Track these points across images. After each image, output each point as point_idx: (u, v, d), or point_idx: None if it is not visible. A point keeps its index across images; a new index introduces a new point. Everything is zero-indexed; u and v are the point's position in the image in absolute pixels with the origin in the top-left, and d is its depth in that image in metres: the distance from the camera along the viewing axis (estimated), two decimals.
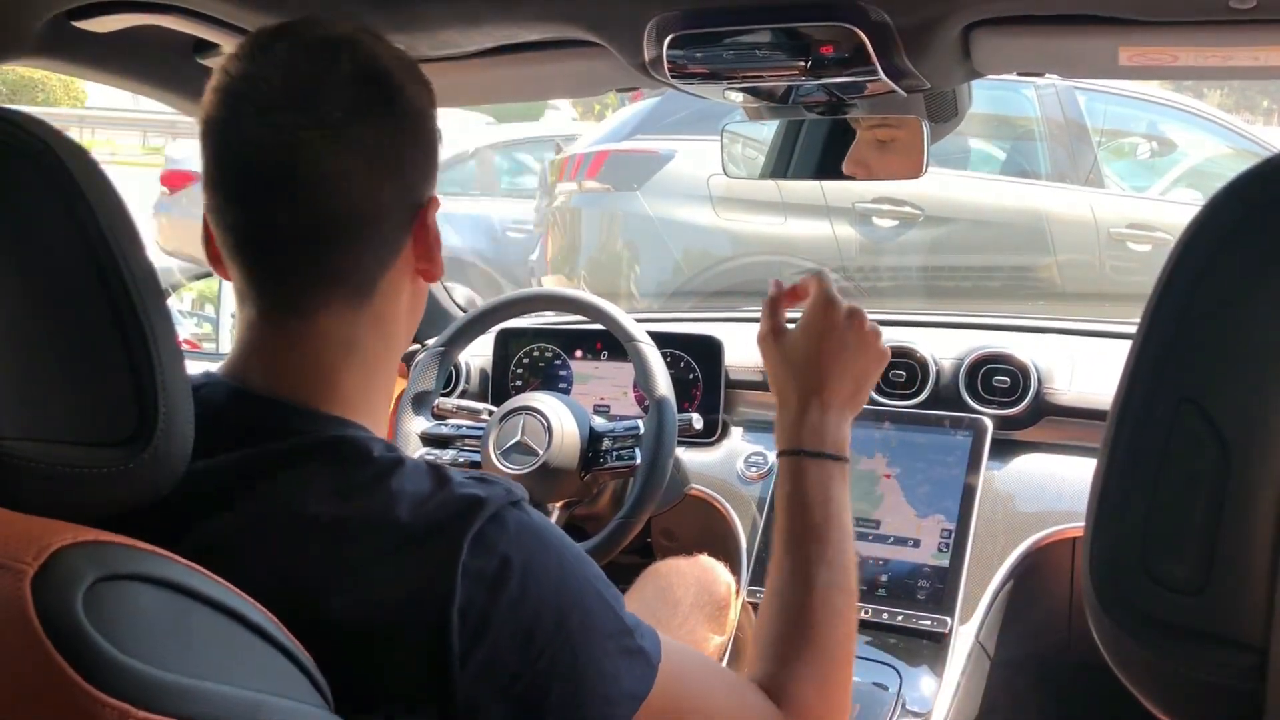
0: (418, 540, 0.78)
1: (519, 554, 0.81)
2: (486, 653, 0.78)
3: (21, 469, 0.66)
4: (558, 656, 0.80)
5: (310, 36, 0.86)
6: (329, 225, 0.84)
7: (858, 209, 4.72)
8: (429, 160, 0.90)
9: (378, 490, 0.80)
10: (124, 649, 0.58)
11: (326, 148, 0.83)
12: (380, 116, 0.85)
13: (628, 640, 0.85)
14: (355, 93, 0.84)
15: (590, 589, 0.85)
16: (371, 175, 0.85)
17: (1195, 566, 0.54)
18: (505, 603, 0.79)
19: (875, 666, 1.51)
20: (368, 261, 0.87)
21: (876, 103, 1.30)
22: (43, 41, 1.18)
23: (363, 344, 0.88)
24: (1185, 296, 0.56)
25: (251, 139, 0.83)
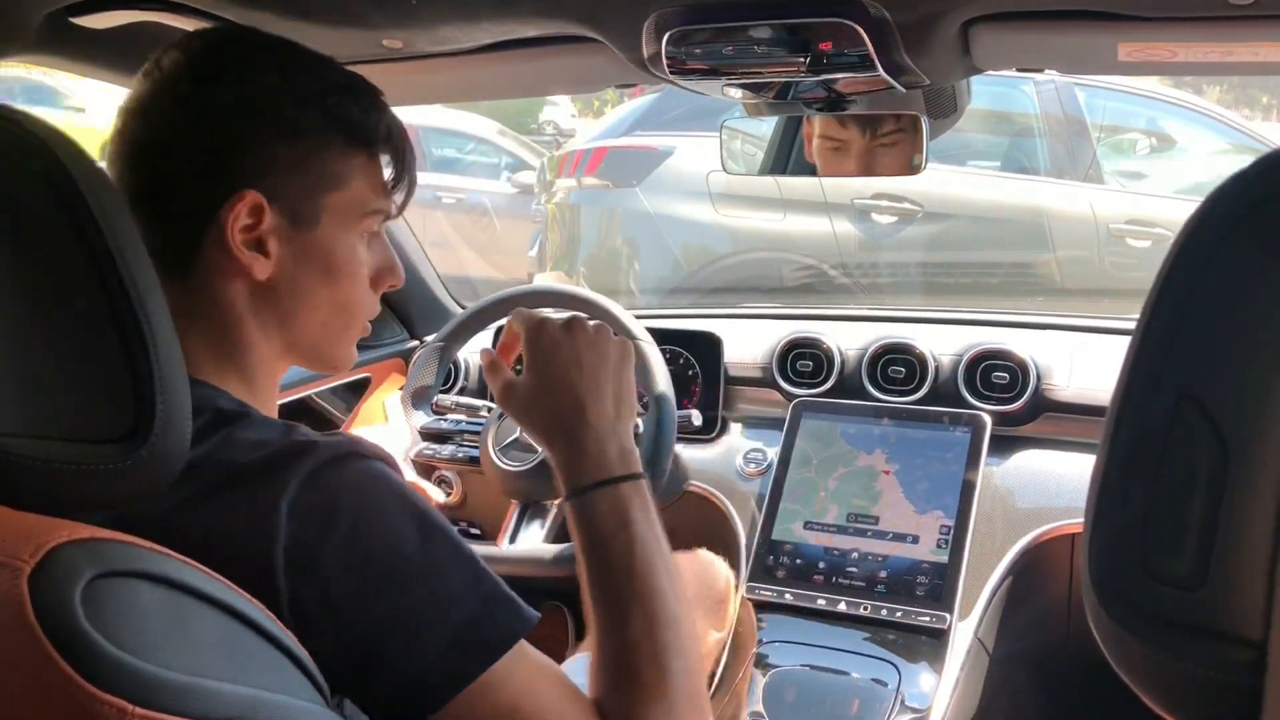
0: (249, 478, 0.80)
1: (353, 498, 0.80)
2: (315, 594, 0.77)
3: (19, 466, 0.66)
4: (399, 598, 0.79)
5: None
6: (140, 200, 0.90)
7: (857, 205, 4.72)
8: (225, 153, 0.93)
9: (219, 434, 0.83)
10: (122, 646, 0.58)
11: (139, 126, 0.92)
12: (178, 97, 0.92)
13: (488, 586, 0.83)
14: (172, 83, 0.92)
15: (438, 535, 0.83)
16: (168, 160, 0.92)
17: (1194, 562, 0.54)
18: (335, 544, 0.78)
19: (874, 663, 1.51)
20: (166, 242, 0.90)
21: (875, 99, 1.30)
22: (41, 38, 1.17)
23: (198, 323, 0.91)
24: (1184, 292, 0.56)
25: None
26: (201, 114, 0.89)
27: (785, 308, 2.37)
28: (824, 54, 1.14)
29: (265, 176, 0.90)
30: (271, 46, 0.94)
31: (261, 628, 0.68)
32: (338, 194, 0.93)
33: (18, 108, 0.72)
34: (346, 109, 0.93)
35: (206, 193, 0.89)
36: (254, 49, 0.93)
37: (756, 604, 1.63)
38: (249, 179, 0.89)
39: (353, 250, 0.95)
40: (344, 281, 0.95)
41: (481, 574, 0.84)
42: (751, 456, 1.82)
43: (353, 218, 0.94)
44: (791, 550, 1.66)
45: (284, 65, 0.92)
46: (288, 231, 0.91)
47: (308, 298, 0.94)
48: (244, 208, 0.88)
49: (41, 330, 0.68)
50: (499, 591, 0.84)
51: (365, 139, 0.94)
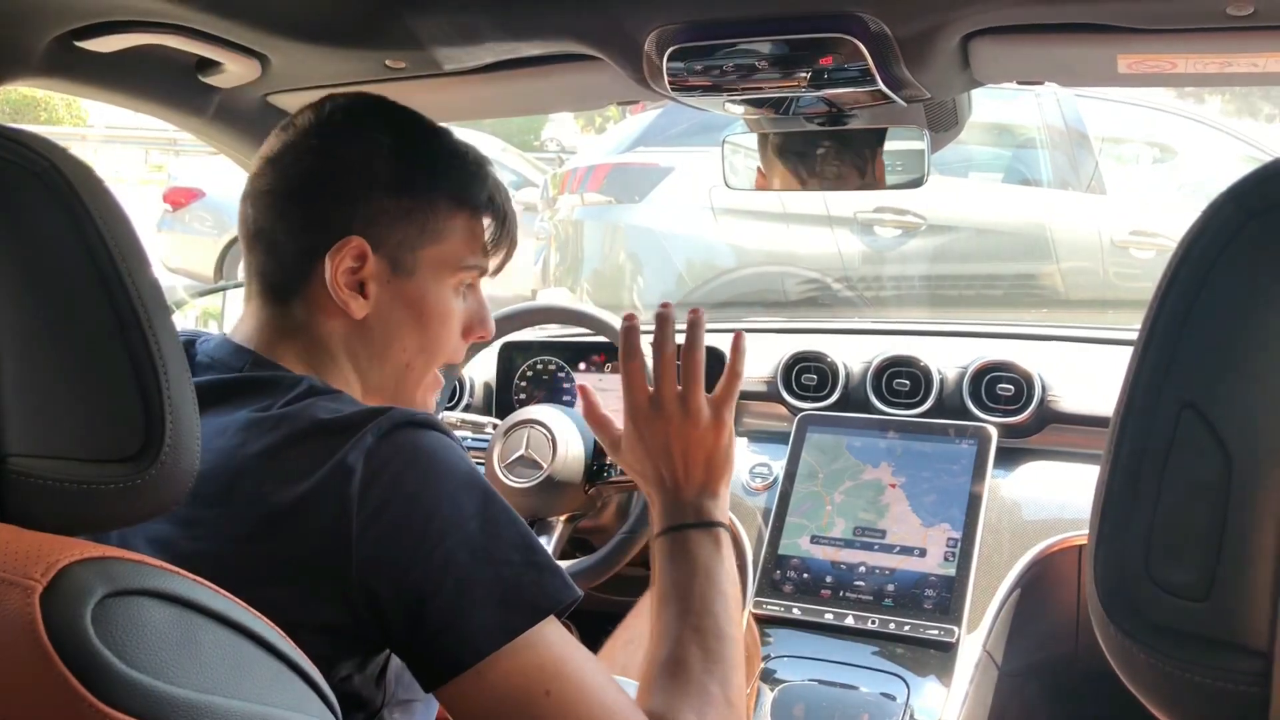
0: (328, 432, 0.89)
1: (425, 456, 0.89)
2: (381, 532, 0.85)
3: (29, 486, 0.66)
4: (456, 553, 0.86)
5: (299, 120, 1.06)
6: (257, 242, 1.04)
7: (860, 219, 4.72)
8: (314, 207, 1.05)
9: (305, 402, 0.93)
10: (133, 664, 0.58)
11: (259, 183, 1.06)
12: (299, 149, 1.05)
13: (538, 556, 0.90)
14: (282, 149, 1.05)
15: (498, 506, 0.91)
16: (275, 216, 1.05)
17: (1199, 572, 0.54)
18: (404, 491, 0.87)
19: (883, 677, 1.51)
20: (274, 280, 1.04)
21: (876, 113, 1.31)
22: (46, 62, 1.18)
23: (311, 336, 1.02)
24: (1186, 301, 0.56)
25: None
26: (323, 164, 1.00)
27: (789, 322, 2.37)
28: (824, 69, 1.15)
29: (372, 226, 1.00)
30: (394, 112, 1.05)
31: (271, 645, 0.68)
32: (435, 248, 1.03)
33: (26, 129, 0.72)
34: (453, 173, 1.04)
35: (319, 234, 0.99)
36: (378, 113, 1.05)
37: (763, 619, 1.63)
38: (357, 227, 0.99)
39: (444, 300, 1.05)
40: (433, 326, 1.04)
41: (534, 543, 0.91)
42: (757, 471, 1.82)
43: (448, 271, 1.04)
44: (798, 564, 1.66)
45: (402, 129, 1.03)
46: (387, 276, 1.01)
47: (398, 338, 1.03)
48: (350, 252, 0.99)
49: (51, 350, 0.69)
50: (549, 562, 0.91)
51: (469, 202, 1.05)
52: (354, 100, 1.06)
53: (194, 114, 1.41)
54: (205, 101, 1.40)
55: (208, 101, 1.40)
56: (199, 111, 1.41)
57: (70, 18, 1.13)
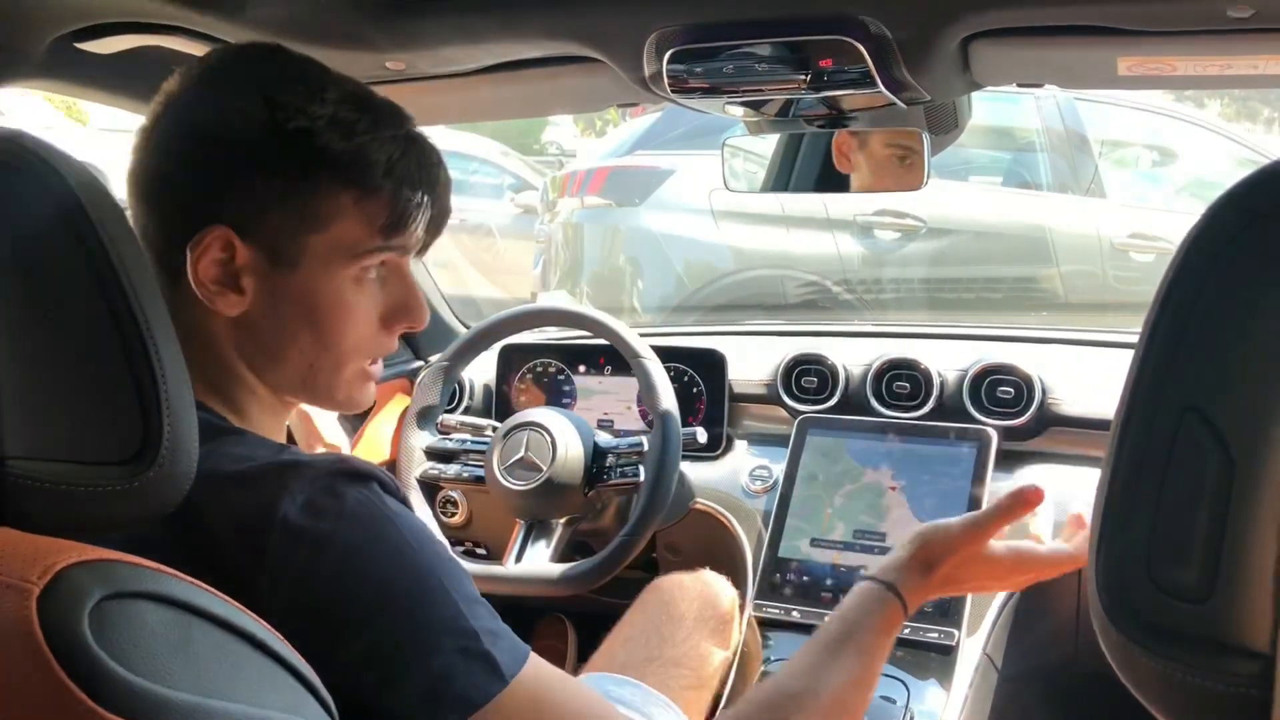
0: (236, 486, 0.79)
1: (346, 526, 0.79)
2: (298, 625, 0.74)
3: (27, 488, 0.66)
4: (378, 641, 0.78)
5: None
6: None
7: (859, 222, 4.72)
8: (186, 194, 0.92)
9: (209, 448, 0.78)
10: (130, 667, 0.58)
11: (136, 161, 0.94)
12: (159, 146, 0.93)
13: (470, 642, 0.80)
14: (151, 125, 0.93)
15: (430, 579, 0.80)
16: (144, 198, 0.93)
17: (1201, 574, 0.54)
18: (320, 579, 0.77)
19: (882, 680, 1.49)
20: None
21: (876, 115, 1.31)
22: (46, 63, 1.18)
23: (196, 339, 0.89)
24: (1187, 303, 0.56)
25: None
26: (184, 143, 0.88)
27: (789, 324, 2.37)
28: (824, 71, 1.15)
29: (242, 212, 0.87)
30: (269, 69, 0.90)
31: (268, 647, 0.68)
32: (321, 235, 0.88)
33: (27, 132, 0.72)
34: (336, 144, 0.87)
35: (182, 225, 0.87)
36: (256, 72, 0.89)
37: (763, 622, 1.63)
38: (223, 215, 0.86)
39: (339, 292, 0.90)
40: (330, 324, 0.91)
41: (464, 623, 0.81)
42: (757, 474, 1.82)
43: (340, 260, 0.90)
44: (798, 568, 1.66)
45: (281, 87, 0.87)
46: (264, 270, 0.88)
47: (289, 336, 0.91)
48: (212, 242, 0.86)
49: (49, 353, 0.69)
50: (477, 647, 0.80)
51: (358, 178, 0.88)
52: (230, 56, 0.93)
53: None
54: None
55: None
56: None
57: (70, 19, 1.13)
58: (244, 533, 0.78)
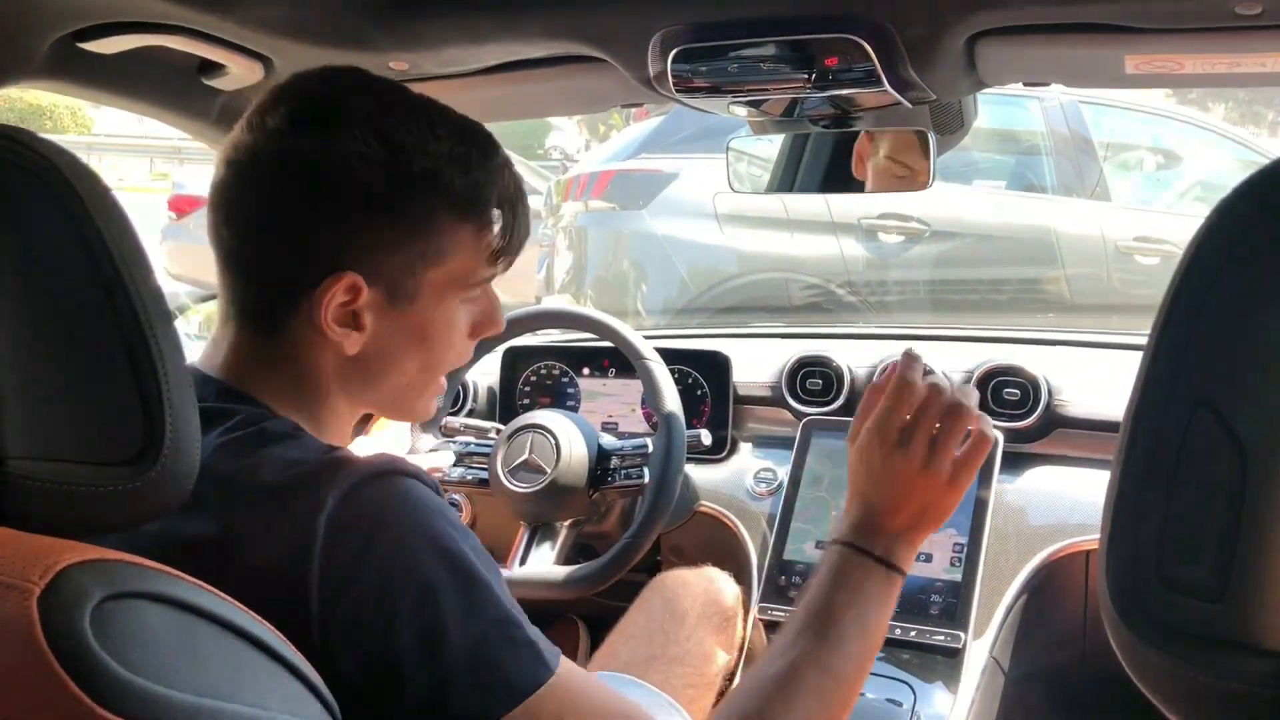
0: (283, 495, 0.80)
1: (397, 516, 0.80)
2: (346, 614, 0.77)
3: (28, 488, 0.66)
4: (429, 630, 0.78)
5: (290, 106, 0.91)
6: (244, 265, 0.92)
7: (863, 225, 4.72)
8: (336, 235, 0.92)
9: (257, 452, 0.83)
10: (131, 667, 0.58)
11: (250, 199, 0.91)
12: (295, 189, 0.90)
13: (516, 630, 0.81)
14: (288, 164, 0.90)
15: (477, 570, 0.81)
16: (276, 236, 0.91)
17: (1214, 573, 0.53)
18: (371, 564, 0.78)
19: (889, 683, 1.50)
20: (257, 307, 0.92)
21: (882, 115, 1.30)
22: (49, 63, 1.18)
23: (270, 369, 0.92)
24: (1199, 298, 0.56)
25: (222, 176, 0.92)
26: (303, 182, 0.87)
27: (794, 327, 2.37)
28: (830, 70, 1.14)
29: (365, 255, 0.88)
30: (375, 105, 0.90)
31: (271, 649, 0.68)
32: (440, 269, 0.91)
33: (26, 129, 0.72)
34: (457, 181, 0.90)
35: (303, 269, 0.88)
36: (362, 104, 0.89)
37: (769, 624, 1.62)
38: (348, 260, 0.88)
39: (450, 318, 0.94)
40: (437, 348, 0.95)
41: (507, 612, 0.82)
42: (762, 476, 1.81)
43: (454, 291, 0.93)
44: (804, 570, 1.65)
45: (393, 126, 0.88)
46: (383, 306, 0.90)
47: (397, 364, 0.94)
48: (341, 288, 0.88)
49: (50, 352, 0.68)
50: (522, 636, 0.82)
51: (476, 210, 0.91)
52: (330, 85, 0.92)
53: (197, 117, 1.40)
54: (208, 104, 1.40)
55: (211, 104, 1.40)
56: (202, 114, 1.40)
57: (73, 19, 1.13)
58: (295, 526, 0.79)
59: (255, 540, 0.79)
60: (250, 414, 0.88)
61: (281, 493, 0.81)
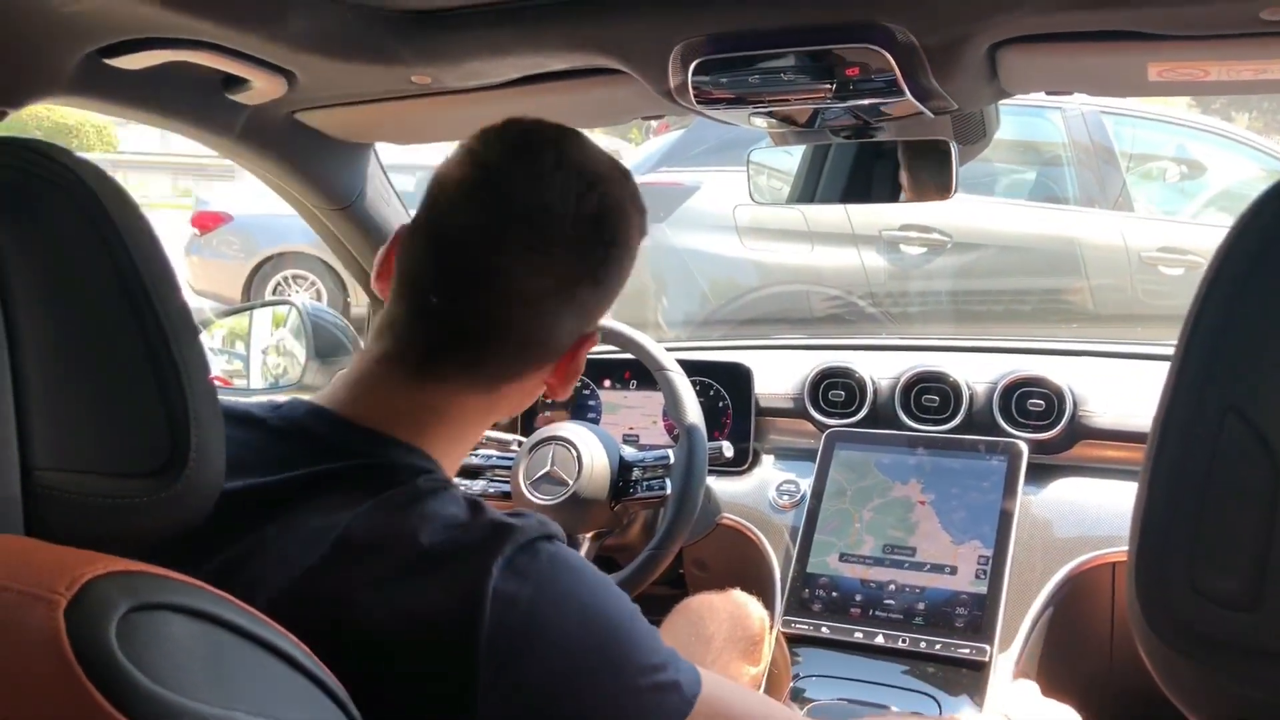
0: (444, 560, 0.80)
1: (552, 585, 0.81)
2: (512, 684, 0.78)
3: (54, 499, 0.66)
4: (587, 694, 0.80)
5: (576, 158, 0.91)
6: (502, 329, 0.90)
7: (885, 237, 4.71)
8: (610, 299, 0.95)
9: (411, 511, 0.82)
10: (157, 679, 0.58)
11: (539, 268, 0.88)
12: (594, 257, 0.91)
13: (660, 675, 0.84)
14: (588, 231, 0.90)
15: (624, 625, 0.85)
16: (560, 305, 0.91)
17: (1247, 581, 0.52)
18: (536, 634, 0.79)
19: (914, 696, 1.49)
20: (513, 369, 0.93)
21: (904, 125, 1.30)
22: (76, 80, 1.19)
23: (464, 420, 0.93)
24: (1226, 306, 0.55)
25: (476, 225, 0.88)
26: (614, 250, 0.92)
27: (816, 338, 2.36)
28: (851, 80, 1.14)
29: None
30: (618, 177, 0.94)
31: (296, 661, 0.67)
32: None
33: (56, 144, 0.73)
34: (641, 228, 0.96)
35: (589, 321, 0.94)
36: (623, 196, 0.93)
37: (792, 638, 1.61)
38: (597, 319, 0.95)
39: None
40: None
41: (652, 658, 0.85)
42: (784, 488, 1.80)
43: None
44: (827, 583, 1.64)
45: (637, 205, 0.95)
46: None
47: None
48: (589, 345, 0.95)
49: (77, 365, 0.69)
50: (666, 679, 0.85)
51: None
52: (598, 176, 0.92)
53: (221, 131, 1.41)
54: (232, 118, 1.41)
55: (235, 118, 1.41)
56: (226, 129, 1.41)
57: (99, 35, 1.14)
58: (458, 598, 0.79)
59: (412, 603, 0.79)
60: (404, 465, 0.88)
61: (443, 558, 0.80)
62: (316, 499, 0.83)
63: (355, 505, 0.82)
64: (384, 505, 0.82)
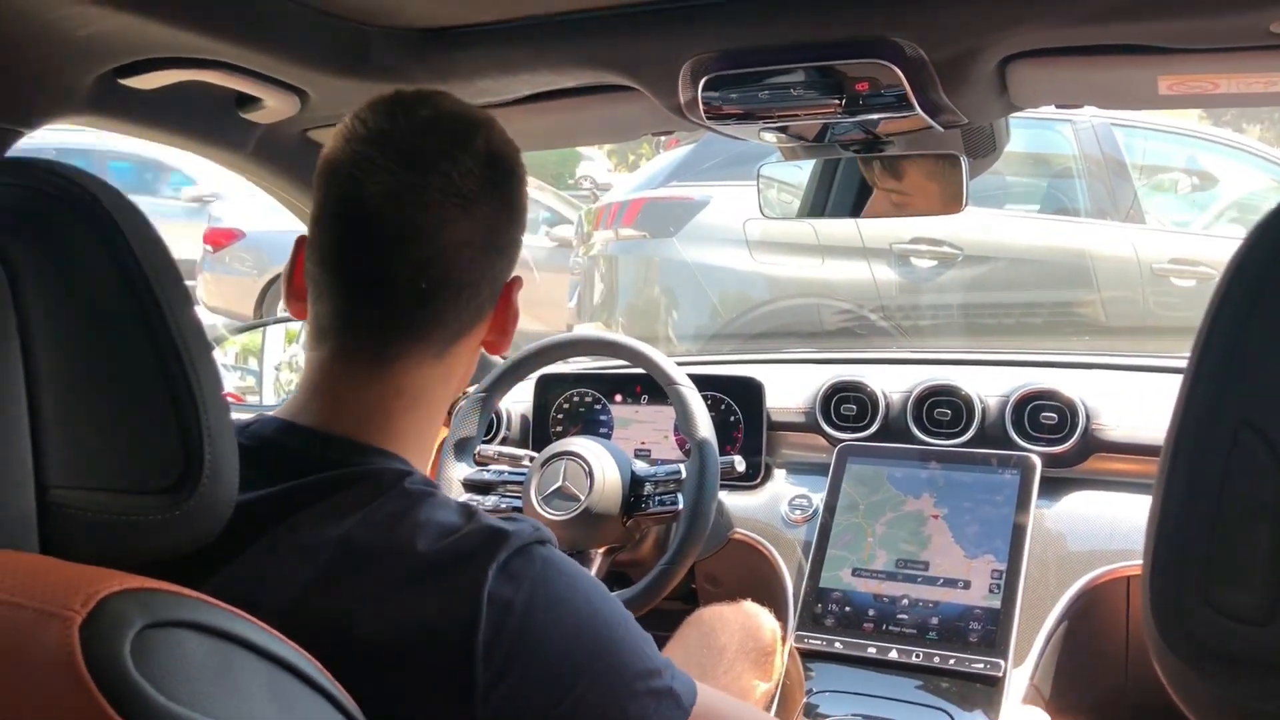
0: (441, 568, 0.80)
1: (546, 588, 0.82)
2: (511, 687, 0.78)
3: (69, 517, 0.66)
4: (585, 697, 0.81)
5: (451, 108, 0.93)
6: (436, 287, 0.90)
7: (895, 250, 4.70)
8: (523, 231, 0.97)
9: (405, 519, 0.83)
10: (171, 696, 0.58)
11: (456, 216, 0.89)
12: (502, 198, 0.93)
13: (656, 681, 0.85)
14: (487, 172, 0.91)
15: (619, 629, 0.85)
16: (485, 250, 0.92)
17: (1262, 596, 0.52)
18: (533, 636, 0.80)
19: (927, 711, 1.48)
20: (455, 327, 0.93)
21: (914, 139, 1.30)
22: (91, 99, 1.20)
23: (426, 397, 0.93)
24: (1240, 318, 0.55)
25: (385, 190, 0.88)
26: (505, 206, 0.94)
27: (827, 352, 2.36)
28: (860, 95, 1.14)
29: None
30: (486, 117, 0.96)
31: (310, 678, 0.68)
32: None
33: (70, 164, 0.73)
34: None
35: (502, 277, 0.96)
36: (500, 131, 0.96)
37: (805, 653, 1.61)
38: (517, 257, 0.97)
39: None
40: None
41: (648, 664, 0.85)
42: (797, 503, 1.80)
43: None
44: (840, 598, 1.64)
45: (510, 140, 0.97)
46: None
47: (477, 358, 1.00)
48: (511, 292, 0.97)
49: (91, 382, 0.69)
50: (662, 685, 0.85)
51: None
52: (497, 135, 0.96)
53: (234, 149, 1.42)
54: (245, 137, 1.42)
55: (248, 137, 1.42)
56: (239, 147, 1.42)
57: (114, 55, 1.15)
58: (455, 605, 0.79)
59: (410, 614, 0.79)
60: (384, 472, 0.88)
61: (439, 567, 0.81)
62: (301, 513, 0.83)
63: (345, 517, 0.82)
64: (377, 515, 0.83)
